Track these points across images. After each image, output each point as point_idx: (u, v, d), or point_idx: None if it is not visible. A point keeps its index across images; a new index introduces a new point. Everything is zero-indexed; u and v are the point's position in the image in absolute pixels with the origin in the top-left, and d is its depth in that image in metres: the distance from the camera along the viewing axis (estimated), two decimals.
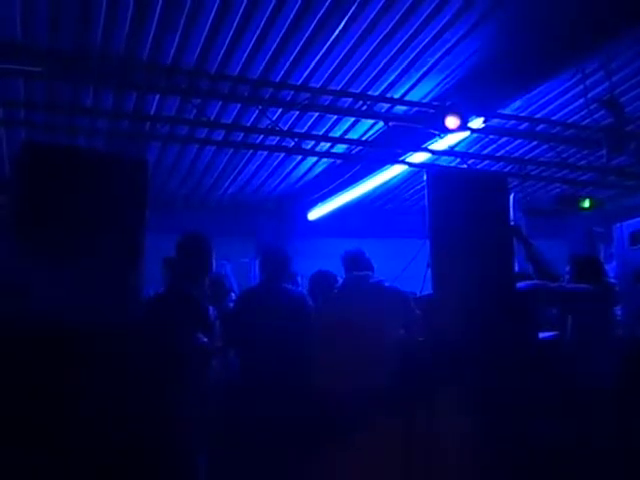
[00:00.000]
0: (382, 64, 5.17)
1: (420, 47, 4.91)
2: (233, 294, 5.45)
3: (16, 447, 2.93)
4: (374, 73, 5.32)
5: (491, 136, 6.38)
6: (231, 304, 4.95)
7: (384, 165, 6.87)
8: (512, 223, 4.73)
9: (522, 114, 6.09)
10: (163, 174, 7.63)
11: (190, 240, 3.97)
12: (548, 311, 4.90)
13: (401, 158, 6.31)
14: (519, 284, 4.41)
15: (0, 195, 7.02)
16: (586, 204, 6.93)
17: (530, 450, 3.89)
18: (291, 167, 7.72)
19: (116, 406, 3.13)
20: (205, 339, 3.67)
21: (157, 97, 5.59)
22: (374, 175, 7.30)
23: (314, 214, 8.78)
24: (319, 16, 4.46)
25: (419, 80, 5.46)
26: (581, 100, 5.80)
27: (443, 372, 3.94)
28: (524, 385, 4.09)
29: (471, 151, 6.95)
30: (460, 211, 4.35)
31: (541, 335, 4.50)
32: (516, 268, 4.83)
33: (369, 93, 5.62)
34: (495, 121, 5.98)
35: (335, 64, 5.14)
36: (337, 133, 6.47)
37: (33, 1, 4.20)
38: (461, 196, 4.39)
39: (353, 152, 6.88)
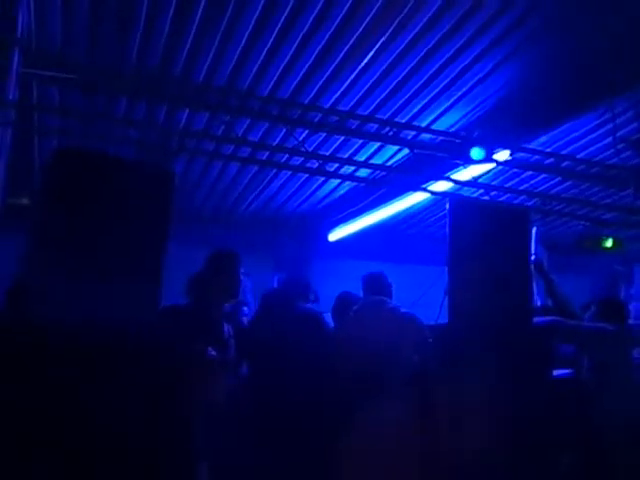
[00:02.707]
0: (410, 92, 5.22)
1: (449, 78, 4.95)
2: (246, 308, 5.46)
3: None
4: (402, 101, 5.37)
5: (515, 169, 6.37)
6: (244, 318, 4.96)
7: (406, 192, 6.88)
8: (533, 257, 4.71)
9: (548, 149, 6.07)
10: (188, 187, 7.71)
11: (217, 256, 3.98)
12: (564, 348, 4.85)
13: (424, 186, 6.32)
14: (536, 319, 4.38)
15: (29, 198, 7.18)
16: (609, 244, 6.85)
17: None
18: (314, 187, 7.77)
19: (120, 414, 3.14)
20: (214, 352, 3.69)
21: (187, 111, 5.68)
22: (396, 200, 7.32)
23: (335, 235, 8.80)
24: (352, 41, 4.53)
25: (446, 110, 5.49)
26: (609, 139, 5.78)
27: (456, 404, 3.92)
28: (538, 421, 4.05)
29: (494, 183, 6.93)
30: (481, 242, 4.35)
31: (555, 372, 4.45)
32: (538, 302, 4.80)
33: (396, 120, 5.66)
34: (520, 154, 5.98)
35: (364, 90, 5.20)
36: (362, 157, 6.51)
37: (74, 14, 4.32)
38: (483, 227, 4.38)
39: (377, 177, 6.91)
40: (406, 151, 5.90)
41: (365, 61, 4.77)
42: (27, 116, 5.34)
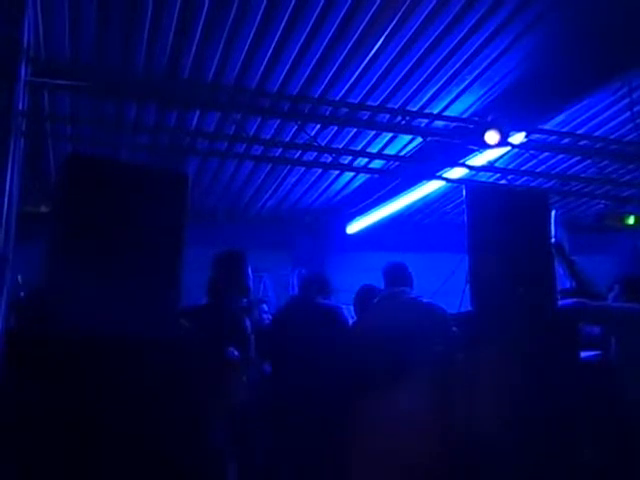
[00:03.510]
0: (421, 80, 5.16)
1: (460, 62, 4.88)
2: (265, 305, 5.47)
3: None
4: (413, 88, 5.31)
5: (531, 151, 6.28)
6: (264, 315, 4.98)
7: (421, 180, 6.83)
8: (553, 240, 4.65)
9: (564, 129, 5.99)
10: (202, 188, 7.72)
11: (225, 256, 4.02)
12: (590, 330, 4.78)
13: (439, 173, 6.26)
14: (561, 302, 4.33)
15: (47, 206, 7.24)
16: (631, 221, 6.73)
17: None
18: (329, 181, 7.74)
19: (147, 415, 3.16)
20: (236, 353, 3.69)
21: (197, 112, 5.68)
22: (413, 189, 7.27)
23: (353, 228, 8.77)
24: (358, 32, 4.48)
25: (458, 95, 5.42)
26: (626, 114, 5.68)
27: (482, 392, 3.88)
28: (567, 406, 4.00)
29: (510, 167, 6.86)
30: (500, 227, 4.30)
31: (583, 354, 4.39)
32: (558, 286, 4.73)
33: (408, 108, 5.60)
34: (536, 136, 5.90)
35: (374, 80, 5.15)
36: (375, 148, 6.47)
37: (81, 21, 4.32)
38: (501, 212, 4.34)
39: (391, 167, 6.86)
40: (419, 140, 5.84)
41: (373, 51, 4.72)
42: (39, 124, 5.37)
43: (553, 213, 4.76)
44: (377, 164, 6.74)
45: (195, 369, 3.43)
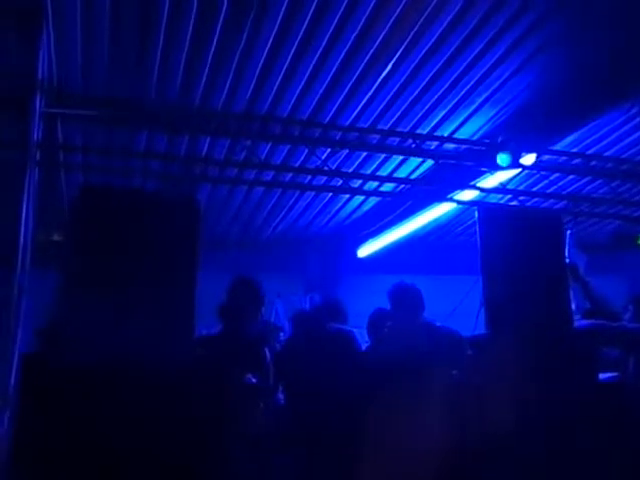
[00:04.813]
0: (431, 103, 5.17)
1: (469, 85, 4.89)
2: (282, 334, 5.45)
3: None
4: (423, 111, 5.32)
5: (542, 172, 6.27)
6: (277, 345, 4.96)
7: (432, 203, 6.83)
8: (568, 261, 4.62)
9: (574, 149, 5.98)
10: (214, 214, 7.74)
11: (240, 282, 4.01)
12: (608, 351, 4.73)
13: (450, 195, 6.25)
14: (577, 323, 4.29)
15: (60, 235, 7.28)
16: None
17: None
18: (340, 205, 7.75)
19: (163, 444, 3.14)
20: (254, 380, 3.67)
21: (208, 139, 5.71)
22: (424, 212, 7.26)
23: (364, 251, 8.75)
24: (368, 57, 4.51)
25: (468, 117, 5.43)
26: (637, 134, 5.67)
27: (499, 415, 3.83)
28: (585, 429, 3.94)
29: (521, 188, 6.84)
30: (513, 249, 4.28)
31: (601, 376, 4.34)
32: (573, 307, 4.69)
33: (418, 131, 5.62)
34: (546, 157, 5.89)
35: (384, 103, 5.17)
36: (386, 171, 6.47)
37: (93, 50, 4.38)
38: (514, 234, 4.32)
39: (402, 190, 6.86)
40: (430, 162, 5.86)
41: (383, 75, 4.74)
42: (53, 154, 5.41)
43: (568, 234, 4.74)
44: (388, 187, 6.75)
45: (212, 396, 3.41)
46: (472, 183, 5.92)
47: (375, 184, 6.52)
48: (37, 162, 3.84)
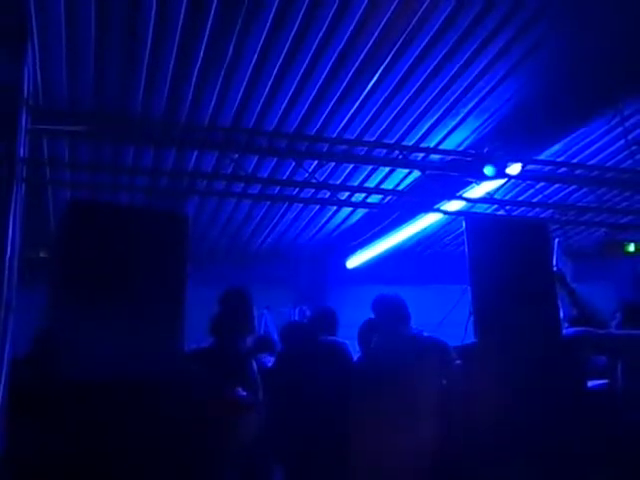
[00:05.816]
0: (417, 114, 5.21)
1: (454, 96, 4.94)
2: (269, 357, 5.40)
3: None
4: (409, 123, 5.36)
5: (528, 182, 6.32)
6: (266, 359, 4.92)
7: (419, 213, 6.86)
8: (555, 269, 4.65)
9: (559, 158, 6.04)
10: (201, 227, 7.73)
11: (230, 294, 4.00)
12: (596, 359, 4.75)
13: (437, 206, 6.29)
14: (565, 331, 4.31)
15: (47, 251, 7.24)
16: (631, 248, 6.75)
17: None
18: (327, 217, 7.76)
19: (154, 457, 3.12)
20: (244, 393, 3.65)
21: (195, 153, 5.71)
22: (411, 222, 7.28)
23: (352, 262, 8.77)
24: (353, 70, 4.54)
25: (454, 128, 5.48)
26: (620, 142, 5.73)
27: (487, 424, 3.83)
28: (575, 437, 3.96)
29: (507, 197, 6.89)
30: (501, 258, 4.31)
31: (590, 384, 4.36)
32: (561, 315, 4.72)
33: (404, 143, 5.65)
34: (532, 167, 5.94)
35: (370, 115, 5.20)
36: (372, 183, 6.49)
37: (78, 66, 4.38)
38: (502, 243, 4.35)
39: (389, 201, 6.89)
40: (417, 173, 5.88)
41: (368, 87, 4.77)
42: (39, 170, 5.39)
43: (556, 242, 4.77)
44: (375, 199, 6.77)
45: (202, 410, 3.39)
46: (459, 193, 5.95)
47: (362, 196, 6.54)
48: (23, 178, 3.83)
